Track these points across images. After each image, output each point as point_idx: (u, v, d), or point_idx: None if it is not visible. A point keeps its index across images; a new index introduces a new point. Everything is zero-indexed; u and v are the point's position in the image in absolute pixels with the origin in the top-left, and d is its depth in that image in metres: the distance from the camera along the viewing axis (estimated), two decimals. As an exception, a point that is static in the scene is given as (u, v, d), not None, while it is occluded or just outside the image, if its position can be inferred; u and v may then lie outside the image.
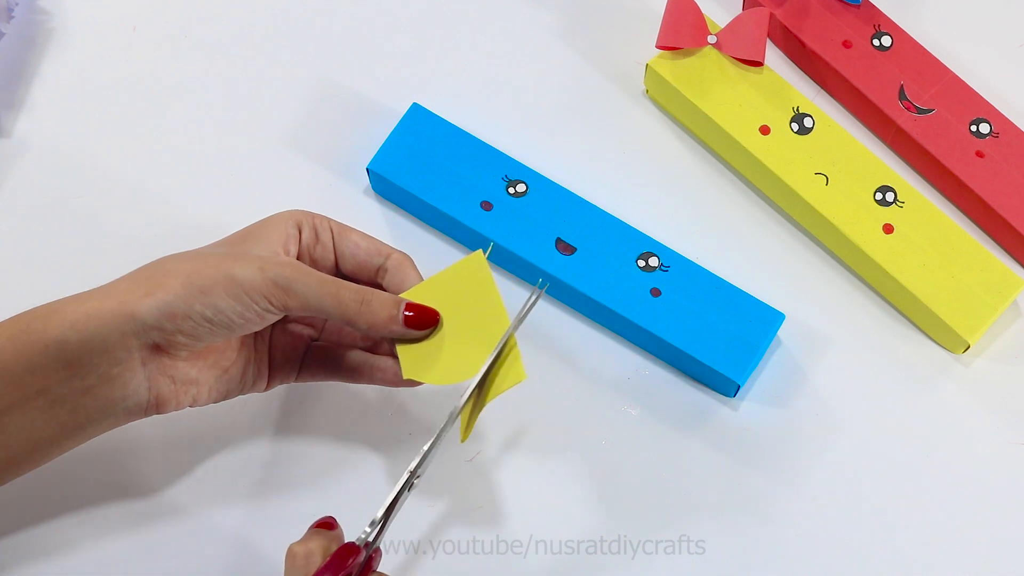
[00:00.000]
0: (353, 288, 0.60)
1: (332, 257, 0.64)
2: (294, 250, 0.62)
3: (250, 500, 0.68)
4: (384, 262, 0.64)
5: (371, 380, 0.65)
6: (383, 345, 0.66)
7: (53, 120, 0.78)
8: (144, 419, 0.61)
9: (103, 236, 0.74)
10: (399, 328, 0.61)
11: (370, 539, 0.57)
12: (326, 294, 0.59)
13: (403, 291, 0.63)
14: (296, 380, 0.66)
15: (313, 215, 0.64)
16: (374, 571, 0.58)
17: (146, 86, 0.79)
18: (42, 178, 0.76)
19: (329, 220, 0.64)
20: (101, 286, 0.60)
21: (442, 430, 0.59)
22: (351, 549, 0.56)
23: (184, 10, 0.81)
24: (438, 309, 0.62)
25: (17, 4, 0.79)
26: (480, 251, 0.63)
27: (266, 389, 0.65)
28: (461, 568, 0.67)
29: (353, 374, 0.65)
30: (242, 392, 0.64)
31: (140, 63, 0.79)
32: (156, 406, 0.60)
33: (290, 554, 0.57)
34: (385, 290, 0.64)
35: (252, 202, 0.73)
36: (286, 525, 0.66)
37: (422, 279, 0.64)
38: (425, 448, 0.58)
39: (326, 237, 0.64)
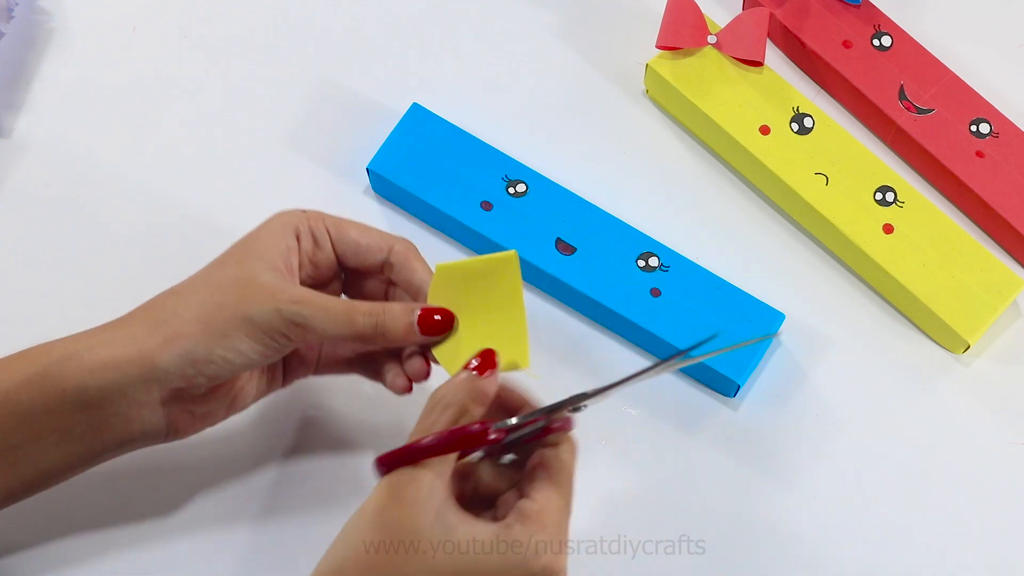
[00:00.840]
0: (365, 310, 0.59)
1: (333, 257, 0.64)
2: (295, 261, 0.61)
3: (259, 514, 0.67)
4: (387, 256, 0.63)
5: (380, 377, 0.64)
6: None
7: (53, 120, 0.78)
8: None
9: (103, 236, 0.74)
10: (419, 338, 0.60)
11: (512, 422, 0.56)
12: (343, 324, 0.59)
13: (413, 285, 0.62)
14: (315, 374, 0.66)
15: (308, 217, 0.63)
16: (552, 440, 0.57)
17: (146, 86, 0.79)
18: (42, 178, 0.76)
19: (324, 218, 0.63)
20: (114, 326, 0.59)
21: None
22: (478, 427, 0.55)
23: (184, 10, 0.81)
24: (461, 300, 0.60)
25: (17, 4, 0.79)
26: (514, 252, 0.60)
27: (284, 386, 0.65)
28: (461, 568, 0.66)
29: (366, 367, 0.65)
30: (256, 400, 0.64)
31: (140, 63, 0.79)
32: (174, 434, 0.61)
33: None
34: (397, 286, 0.64)
35: (252, 202, 0.72)
36: (292, 536, 0.66)
37: (429, 269, 0.62)
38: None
39: (324, 240, 0.63)
